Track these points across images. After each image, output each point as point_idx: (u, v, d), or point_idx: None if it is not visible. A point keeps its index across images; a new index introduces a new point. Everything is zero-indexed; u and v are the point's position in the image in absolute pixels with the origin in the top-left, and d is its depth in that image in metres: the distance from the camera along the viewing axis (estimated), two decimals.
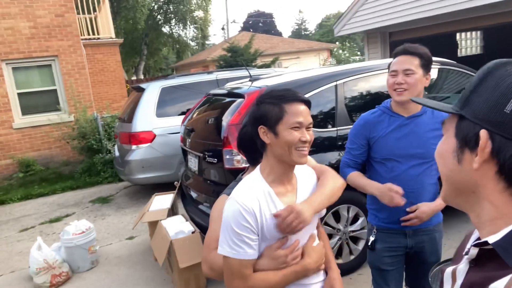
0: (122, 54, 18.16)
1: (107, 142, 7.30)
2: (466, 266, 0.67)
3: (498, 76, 0.62)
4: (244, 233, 1.24)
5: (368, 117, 2.00)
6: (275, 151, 1.30)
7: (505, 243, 0.58)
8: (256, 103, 1.35)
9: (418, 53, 1.82)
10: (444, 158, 0.68)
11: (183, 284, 3.18)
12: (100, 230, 4.88)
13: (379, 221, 2.01)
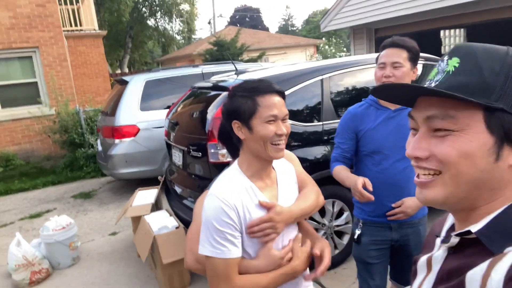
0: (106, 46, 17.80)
1: (90, 136, 7.16)
2: (443, 253, 0.67)
3: None
4: (226, 230, 1.18)
5: (355, 110, 1.99)
6: (251, 147, 1.26)
7: (488, 231, 0.59)
8: (228, 96, 1.29)
9: (406, 46, 1.81)
10: (473, 158, 0.60)
11: (166, 281, 3.13)
12: (82, 225, 4.78)
13: (365, 214, 2.01)
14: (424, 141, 0.63)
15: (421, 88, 0.62)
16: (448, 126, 0.61)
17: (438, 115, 0.61)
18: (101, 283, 3.43)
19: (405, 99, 0.68)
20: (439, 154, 0.61)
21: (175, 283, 3.16)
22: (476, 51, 0.61)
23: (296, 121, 3.16)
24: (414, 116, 0.66)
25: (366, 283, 2.07)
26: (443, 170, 0.62)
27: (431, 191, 0.63)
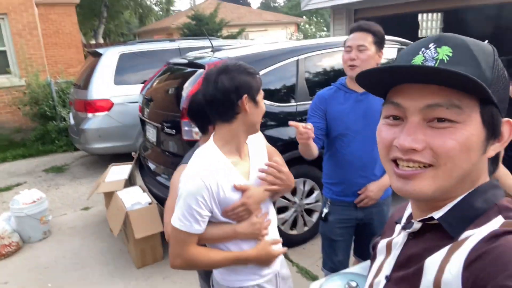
0: (79, 15, 17.02)
1: (62, 109, 6.96)
2: (404, 238, 0.69)
3: (500, 63, 0.61)
4: (196, 208, 1.28)
5: (323, 93, 2.04)
6: (250, 120, 1.36)
7: (449, 217, 0.61)
8: (225, 72, 1.31)
9: (371, 30, 1.87)
10: (472, 151, 0.58)
11: (139, 255, 3.18)
12: (54, 200, 4.73)
13: (333, 194, 2.10)
14: (420, 132, 0.59)
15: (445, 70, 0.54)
16: (453, 117, 0.57)
17: (443, 104, 0.57)
18: (72, 257, 3.45)
19: (386, 84, 0.65)
20: (439, 147, 0.58)
21: (148, 257, 3.21)
22: (468, 42, 0.59)
23: (271, 101, 3.19)
24: (403, 104, 0.61)
25: (329, 259, 2.18)
26: (436, 164, 0.59)
27: (419, 184, 0.60)
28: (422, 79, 0.58)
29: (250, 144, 1.48)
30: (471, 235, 0.57)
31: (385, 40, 1.92)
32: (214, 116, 1.39)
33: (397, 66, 0.59)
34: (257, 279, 1.48)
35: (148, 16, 24.71)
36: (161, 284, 2.98)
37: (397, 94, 0.62)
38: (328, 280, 1.58)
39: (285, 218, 3.28)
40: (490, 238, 0.54)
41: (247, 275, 1.47)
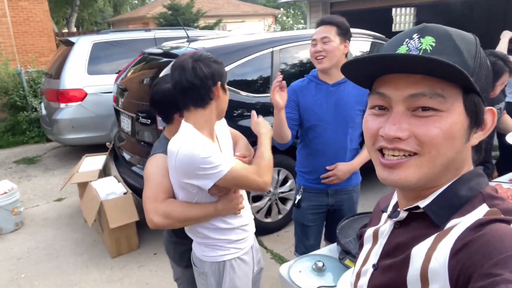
0: (51, 3, 16.42)
1: (33, 99, 6.78)
2: (390, 227, 0.70)
3: (483, 52, 0.62)
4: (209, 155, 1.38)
5: (295, 85, 2.10)
6: (221, 106, 1.50)
7: (435, 206, 0.62)
8: (202, 61, 1.41)
9: (334, 22, 1.93)
10: (455, 139, 0.60)
11: (114, 244, 3.19)
12: (26, 191, 4.64)
13: (306, 181, 2.18)
14: (404, 121, 0.60)
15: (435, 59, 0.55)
16: (436, 106, 0.58)
17: (427, 93, 0.58)
18: (46, 247, 3.42)
19: (371, 74, 0.65)
20: (423, 135, 0.59)
21: (123, 247, 3.23)
22: (450, 32, 0.60)
23: (247, 91, 3.24)
24: (388, 94, 0.62)
25: (302, 243, 2.27)
26: (421, 152, 0.60)
27: (404, 172, 0.61)
28: (406, 68, 0.59)
29: (216, 128, 1.58)
30: (457, 224, 0.57)
31: (349, 31, 1.98)
32: (189, 102, 1.44)
33: (382, 55, 0.59)
34: (237, 252, 1.60)
35: (123, 4, 24.14)
36: (136, 273, 3.01)
37: (382, 84, 0.63)
38: (297, 261, 1.67)
39: (260, 207, 3.36)
40: (476, 226, 0.55)
41: (228, 250, 1.58)
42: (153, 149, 1.69)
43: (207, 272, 1.59)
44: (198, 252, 1.61)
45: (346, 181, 2.12)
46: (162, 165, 1.54)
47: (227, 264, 1.58)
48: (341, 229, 1.77)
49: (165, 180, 1.52)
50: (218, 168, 1.38)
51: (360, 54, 4.32)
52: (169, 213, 1.47)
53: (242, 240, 1.62)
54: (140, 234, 3.39)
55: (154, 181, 1.53)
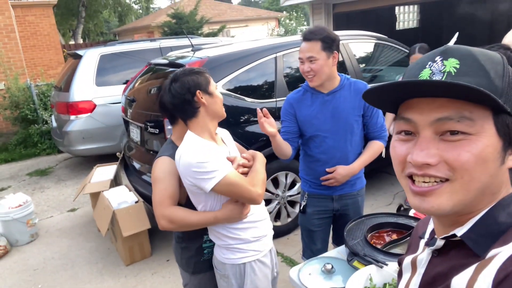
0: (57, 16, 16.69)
1: (43, 112, 6.91)
2: (428, 256, 0.67)
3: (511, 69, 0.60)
4: (207, 160, 1.48)
5: (292, 96, 2.12)
6: (212, 109, 1.59)
7: (473, 233, 0.59)
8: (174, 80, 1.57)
9: (317, 37, 1.89)
10: (489, 162, 0.57)
11: (127, 252, 3.25)
12: (39, 203, 4.74)
13: (310, 187, 2.20)
14: (432, 146, 0.58)
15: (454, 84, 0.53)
16: (464, 129, 0.56)
17: (453, 116, 0.56)
18: (61, 258, 3.49)
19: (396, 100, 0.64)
20: (454, 160, 0.56)
21: (136, 254, 3.29)
22: (474, 52, 0.58)
23: (252, 97, 3.29)
24: (413, 119, 0.60)
25: (308, 248, 2.30)
26: (453, 178, 0.57)
27: (437, 200, 0.58)
28: (429, 93, 0.57)
29: (220, 134, 1.73)
30: (498, 253, 0.54)
31: (336, 41, 1.93)
32: (181, 117, 1.63)
33: (403, 83, 0.58)
34: (256, 254, 1.68)
35: (128, 14, 24.40)
36: (150, 280, 3.06)
37: (407, 109, 0.62)
38: (307, 264, 1.70)
39: (269, 210, 3.39)
40: None
41: (247, 252, 1.66)
42: (159, 152, 1.78)
43: (228, 274, 1.67)
44: (219, 255, 1.68)
45: (350, 186, 2.14)
46: (167, 169, 1.63)
47: (248, 266, 1.66)
48: (348, 231, 1.80)
49: (170, 185, 1.63)
50: (213, 174, 1.47)
51: (365, 55, 4.35)
52: (172, 219, 1.61)
53: (261, 242, 1.70)
54: (153, 241, 3.45)
55: (160, 187, 1.64)
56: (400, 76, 3.97)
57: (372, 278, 1.42)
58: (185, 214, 1.61)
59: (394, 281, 1.41)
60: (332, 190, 2.13)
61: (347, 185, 2.14)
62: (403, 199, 3.96)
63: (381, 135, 2.13)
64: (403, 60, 4.42)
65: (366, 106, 2.05)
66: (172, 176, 1.64)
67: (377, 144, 2.12)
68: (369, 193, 4.14)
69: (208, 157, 1.47)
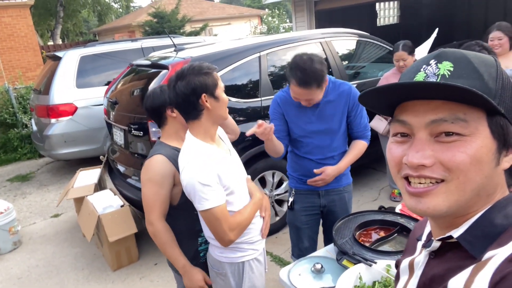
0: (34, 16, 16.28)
1: (23, 116, 6.74)
2: (425, 258, 0.68)
3: (505, 73, 0.61)
4: (210, 183, 1.45)
5: (278, 97, 2.14)
6: (216, 113, 1.53)
7: (469, 235, 0.59)
8: (180, 78, 1.48)
9: (315, 82, 1.87)
10: (483, 163, 0.57)
11: (114, 258, 3.20)
12: (22, 209, 4.63)
13: (297, 183, 2.23)
14: (428, 148, 0.59)
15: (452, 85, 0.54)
16: (459, 130, 0.57)
17: (448, 118, 0.57)
18: (46, 265, 3.42)
19: (391, 103, 0.65)
20: (449, 161, 0.57)
21: (123, 259, 3.24)
22: (468, 56, 0.60)
23: (237, 97, 3.27)
24: (409, 121, 0.61)
25: (296, 247, 2.31)
26: (448, 178, 0.58)
27: (433, 200, 0.59)
28: (425, 95, 0.59)
29: (217, 132, 1.68)
30: (494, 255, 0.55)
31: (325, 74, 1.91)
32: (184, 116, 1.56)
33: (397, 85, 0.58)
34: (254, 253, 1.70)
35: (107, 14, 24.00)
36: (138, 284, 3.02)
37: (402, 111, 0.63)
38: (296, 265, 1.70)
39: None
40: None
41: (246, 251, 1.67)
42: (151, 151, 1.78)
43: (226, 272, 1.67)
44: (215, 254, 1.67)
45: (336, 181, 2.16)
46: (161, 170, 1.65)
47: (246, 265, 1.67)
48: (337, 230, 1.81)
49: (163, 188, 1.65)
50: (206, 200, 1.44)
51: (348, 52, 4.37)
52: (154, 235, 1.68)
53: (259, 241, 1.72)
54: (140, 245, 3.41)
55: (153, 189, 1.66)
56: (383, 73, 4.01)
57: (361, 277, 1.43)
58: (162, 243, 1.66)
59: (383, 279, 1.42)
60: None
61: (333, 181, 2.16)
62: (389, 194, 4.02)
63: (364, 135, 2.17)
64: (385, 56, 4.47)
65: (350, 106, 2.08)
66: (166, 178, 1.65)
67: (361, 144, 2.16)
68: (355, 189, 4.15)
69: (210, 180, 1.44)
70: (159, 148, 1.74)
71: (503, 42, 3.11)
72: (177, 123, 1.77)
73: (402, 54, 3.44)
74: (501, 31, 3.12)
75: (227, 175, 1.52)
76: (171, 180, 1.67)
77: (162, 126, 1.81)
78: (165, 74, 3.16)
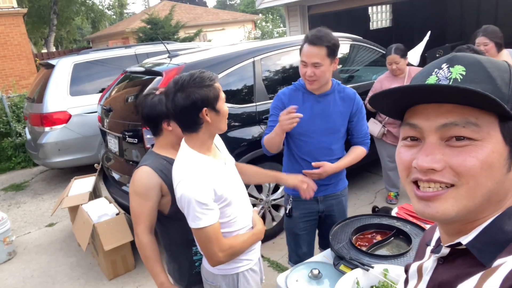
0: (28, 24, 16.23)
1: (17, 125, 6.69)
2: (433, 263, 0.67)
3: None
4: (207, 202, 1.40)
5: (283, 92, 2.12)
6: (215, 126, 1.48)
7: (478, 242, 0.58)
8: (180, 90, 1.40)
9: (324, 44, 1.88)
10: (494, 169, 0.56)
11: (110, 266, 3.17)
12: (16, 219, 4.58)
13: (295, 190, 2.15)
14: (438, 152, 0.58)
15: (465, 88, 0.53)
16: (470, 135, 0.56)
17: (459, 122, 0.57)
18: (41, 275, 3.38)
19: (401, 106, 0.64)
20: (459, 165, 0.56)
21: (119, 268, 3.21)
22: (481, 60, 0.59)
23: (232, 103, 3.26)
24: (419, 124, 0.61)
25: (294, 252, 2.29)
26: (458, 183, 0.57)
27: (442, 205, 0.58)
28: (436, 98, 0.58)
29: (214, 141, 1.64)
30: (504, 263, 0.53)
31: (338, 46, 1.95)
32: (181, 128, 1.50)
33: (410, 87, 0.58)
34: (249, 263, 1.67)
35: (101, 20, 23.98)
36: None
37: (413, 115, 0.62)
38: (294, 271, 1.69)
39: None
40: None
41: (241, 262, 1.64)
42: (140, 162, 1.75)
43: (221, 285, 1.63)
44: (208, 266, 1.63)
45: (333, 186, 2.16)
46: (146, 183, 1.63)
47: (241, 276, 1.64)
48: (334, 235, 1.80)
49: (148, 200, 1.62)
50: (200, 218, 1.40)
51: (341, 55, 4.39)
52: (138, 247, 1.67)
53: (254, 251, 1.69)
54: (136, 253, 3.38)
55: (138, 201, 1.64)
56: (377, 76, 4.03)
57: (359, 282, 1.42)
58: (144, 253, 1.65)
59: (381, 283, 1.41)
60: (316, 191, 2.12)
61: (331, 186, 2.16)
62: (385, 197, 4.02)
63: (364, 141, 2.16)
64: (378, 60, 4.49)
65: (353, 112, 2.08)
66: (151, 191, 1.62)
67: (360, 149, 2.14)
68: (351, 193, 4.18)
69: (207, 198, 1.40)
70: (147, 158, 1.73)
71: (488, 48, 3.08)
72: (172, 136, 1.73)
73: (394, 57, 3.45)
74: (486, 37, 3.10)
75: (223, 187, 1.48)
76: (157, 192, 1.63)
77: (157, 136, 1.78)
78: (159, 81, 3.15)
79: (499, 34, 3.14)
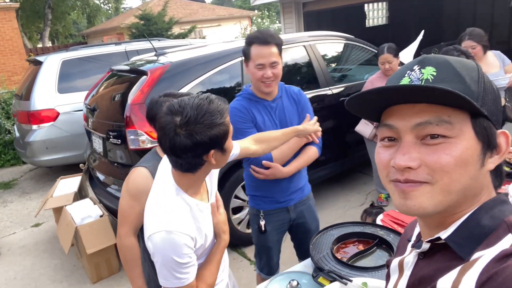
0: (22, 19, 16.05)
1: (6, 121, 6.60)
2: (414, 258, 0.68)
3: (487, 77, 0.63)
4: (187, 261, 1.20)
5: (241, 104, 1.92)
6: (217, 166, 1.25)
7: (457, 237, 0.60)
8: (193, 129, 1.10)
9: (275, 42, 1.80)
10: (468, 165, 0.58)
11: (93, 269, 3.11)
12: (2, 218, 4.51)
13: (265, 204, 2.04)
14: (414, 150, 0.60)
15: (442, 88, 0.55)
16: (444, 132, 0.58)
17: (432, 120, 0.59)
18: (24, 277, 3.31)
19: (377, 108, 0.66)
20: (434, 163, 0.58)
21: (103, 271, 3.14)
22: (449, 60, 0.61)
23: None
24: (395, 125, 0.62)
25: (267, 265, 2.18)
26: (433, 180, 0.59)
27: (418, 199, 0.60)
28: (410, 99, 0.60)
29: None
30: (481, 256, 0.56)
31: (281, 46, 1.85)
32: (174, 166, 1.24)
33: (382, 88, 0.60)
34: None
35: (97, 15, 23.79)
36: None
37: (389, 116, 0.64)
38: (272, 281, 1.63)
39: (240, 218, 3.32)
40: (501, 258, 0.53)
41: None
42: (140, 160, 1.71)
43: None
44: None
45: (301, 192, 2.09)
46: (141, 186, 1.56)
47: None
48: (314, 244, 1.74)
49: (139, 205, 1.51)
50: (172, 279, 1.21)
51: (336, 54, 4.33)
52: (119, 249, 1.65)
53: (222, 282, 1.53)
54: None
55: (129, 203, 1.60)
56: (369, 75, 3.97)
57: None
58: (127, 263, 1.62)
59: None
60: (287, 201, 2.04)
61: (298, 192, 2.07)
62: (375, 198, 3.97)
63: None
64: (371, 59, 4.42)
65: (299, 111, 2.00)
66: (143, 194, 1.48)
67: (312, 150, 2.02)
68: (342, 194, 4.13)
69: (187, 256, 1.18)
70: (148, 159, 1.67)
71: (476, 51, 3.07)
72: None
73: (387, 56, 3.39)
74: (473, 40, 3.08)
75: (202, 233, 1.28)
76: None
77: None
78: (144, 80, 3.08)
79: (485, 36, 3.16)
